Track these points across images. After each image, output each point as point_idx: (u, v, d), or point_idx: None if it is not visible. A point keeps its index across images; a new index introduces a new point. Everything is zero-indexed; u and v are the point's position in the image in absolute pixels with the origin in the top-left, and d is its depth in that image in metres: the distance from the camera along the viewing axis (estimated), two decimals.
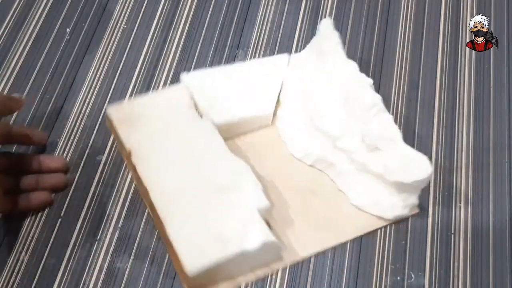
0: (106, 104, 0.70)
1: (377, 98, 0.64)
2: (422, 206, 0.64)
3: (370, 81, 0.66)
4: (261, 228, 0.58)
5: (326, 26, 0.69)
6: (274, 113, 0.69)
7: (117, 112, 0.65)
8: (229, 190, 0.60)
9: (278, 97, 0.69)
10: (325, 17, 0.78)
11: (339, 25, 0.77)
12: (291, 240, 0.62)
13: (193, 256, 0.56)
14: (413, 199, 0.62)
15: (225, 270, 0.58)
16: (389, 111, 0.66)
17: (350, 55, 0.74)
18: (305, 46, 0.75)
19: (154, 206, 0.59)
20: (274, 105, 0.68)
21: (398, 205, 0.62)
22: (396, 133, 0.63)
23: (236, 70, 0.70)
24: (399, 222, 0.63)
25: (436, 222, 0.64)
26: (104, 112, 0.70)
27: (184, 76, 0.68)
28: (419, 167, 0.60)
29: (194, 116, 0.65)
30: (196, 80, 0.68)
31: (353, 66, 0.67)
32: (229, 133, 0.67)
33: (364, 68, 0.73)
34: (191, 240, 0.57)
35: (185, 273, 0.56)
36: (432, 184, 0.66)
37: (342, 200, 0.64)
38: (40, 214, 0.63)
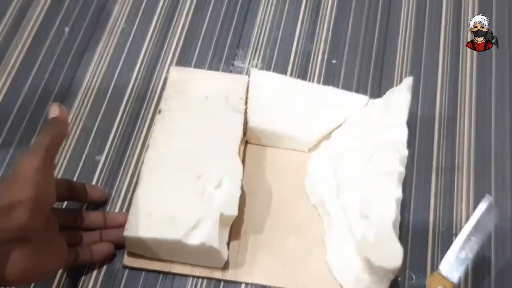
0: (105, 104, 0.70)
1: (397, 171, 0.60)
2: None
3: (406, 154, 0.61)
4: (210, 230, 0.57)
5: (404, 83, 0.65)
6: (318, 144, 0.67)
7: (174, 74, 0.68)
8: (208, 183, 0.60)
9: (332, 132, 0.67)
10: (325, 17, 0.77)
11: (339, 25, 0.77)
12: (245, 260, 0.61)
13: (138, 221, 0.58)
14: (382, 287, 0.58)
15: (162, 252, 0.59)
16: None
17: (350, 55, 0.74)
18: (305, 46, 0.75)
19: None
20: (318, 135, 0.66)
21: (363, 285, 0.59)
22: (391, 214, 0.58)
23: (308, 88, 0.69)
24: None
25: (437, 222, 0.64)
26: (104, 112, 0.70)
27: (253, 71, 0.68)
28: (390, 255, 0.56)
29: (236, 108, 0.65)
30: (261, 79, 0.68)
31: (403, 133, 0.62)
32: (262, 140, 0.67)
33: (364, 68, 0.73)
34: (146, 207, 0.59)
35: None
36: (433, 184, 0.66)
37: (319, 252, 0.61)
38: None
